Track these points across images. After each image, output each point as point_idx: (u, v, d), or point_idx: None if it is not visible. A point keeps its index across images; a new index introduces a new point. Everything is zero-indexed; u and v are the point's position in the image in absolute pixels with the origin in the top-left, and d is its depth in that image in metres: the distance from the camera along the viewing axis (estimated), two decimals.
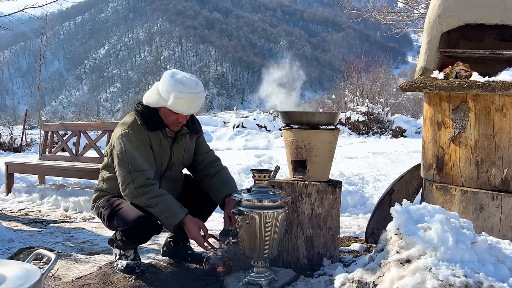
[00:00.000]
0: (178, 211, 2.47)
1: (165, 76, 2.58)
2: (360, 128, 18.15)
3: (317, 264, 2.68)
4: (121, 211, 2.57)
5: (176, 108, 2.54)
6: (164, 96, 2.54)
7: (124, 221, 2.52)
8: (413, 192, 3.34)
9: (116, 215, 2.58)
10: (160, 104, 2.58)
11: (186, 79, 2.55)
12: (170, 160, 2.72)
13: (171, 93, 2.51)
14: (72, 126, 6.30)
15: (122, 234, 2.56)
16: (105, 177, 2.76)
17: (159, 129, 2.64)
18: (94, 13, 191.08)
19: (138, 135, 2.58)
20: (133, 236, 2.53)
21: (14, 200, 5.29)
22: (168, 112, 2.59)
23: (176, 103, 2.52)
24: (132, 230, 2.49)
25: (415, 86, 2.75)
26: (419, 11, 7.76)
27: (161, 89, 2.56)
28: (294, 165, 2.79)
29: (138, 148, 2.56)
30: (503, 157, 2.54)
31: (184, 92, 2.50)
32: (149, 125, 2.60)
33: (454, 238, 1.90)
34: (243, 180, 5.84)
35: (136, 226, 2.47)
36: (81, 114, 30.97)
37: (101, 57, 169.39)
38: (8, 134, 15.17)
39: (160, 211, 2.45)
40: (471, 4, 2.73)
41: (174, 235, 2.92)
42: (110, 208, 2.64)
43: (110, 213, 2.62)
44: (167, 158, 2.71)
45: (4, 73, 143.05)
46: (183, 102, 2.52)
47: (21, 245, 3.35)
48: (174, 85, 2.51)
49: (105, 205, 2.69)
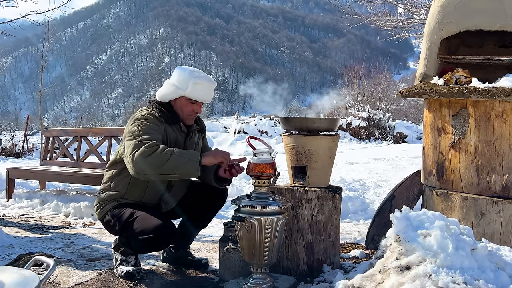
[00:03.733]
0: (193, 152, 2.46)
1: (177, 71, 2.70)
2: (361, 133, 18.15)
3: (317, 270, 2.68)
4: (138, 219, 2.51)
5: (195, 95, 2.63)
6: (182, 86, 2.63)
7: (143, 229, 2.45)
8: (413, 198, 3.34)
9: (133, 222, 2.51)
10: (178, 94, 2.65)
11: (198, 70, 2.71)
12: None
13: (189, 81, 2.61)
14: (73, 131, 6.30)
15: (141, 241, 2.48)
16: (114, 174, 2.72)
17: (176, 123, 2.69)
18: (96, 19, 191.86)
19: (155, 121, 2.60)
20: (152, 243, 2.48)
21: (14, 206, 5.29)
22: (185, 102, 2.67)
23: (195, 89, 2.62)
24: (153, 238, 2.44)
25: (415, 92, 2.75)
26: (419, 17, 7.77)
27: (177, 80, 2.65)
28: (294, 171, 2.79)
29: (152, 127, 2.55)
30: (504, 163, 2.53)
31: (202, 78, 2.64)
32: (166, 118, 2.64)
33: (454, 244, 1.90)
34: (243, 186, 5.83)
35: (157, 233, 2.43)
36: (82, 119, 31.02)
37: (103, 63, 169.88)
38: (9, 140, 15.20)
39: (178, 156, 2.37)
40: (470, 10, 2.73)
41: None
42: (124, 216, 2.58)
43: (125, 221, 2.56)
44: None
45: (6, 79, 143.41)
46: (202, 88, 2.63)
47: (21, 251, 3.34)
48: (190, 74, 2.64)
49: (116, 213, 2.62)
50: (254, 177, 2.32)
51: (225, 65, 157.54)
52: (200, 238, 3.77)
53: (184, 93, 2.63)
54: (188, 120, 2.73)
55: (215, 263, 2.94)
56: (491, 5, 2.68)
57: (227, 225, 2.66)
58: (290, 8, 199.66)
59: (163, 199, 2.75)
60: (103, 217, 2.72)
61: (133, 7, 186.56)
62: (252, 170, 2.30)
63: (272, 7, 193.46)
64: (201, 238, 3.78)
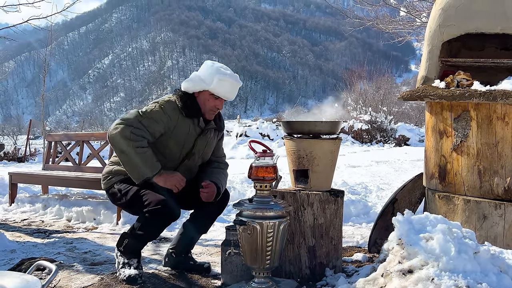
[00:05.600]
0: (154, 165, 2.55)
1: (206, 64, 2.78)
2: (363, 136, 18.12)
3: (319, 274, 2.67)
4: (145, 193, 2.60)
5: (218, 91, 2.70)
6: (207, 80, 2.69)
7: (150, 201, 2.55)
8: (416, 201, 3.33)
9: (140, 196, 2.61)
10: (202, 87, 2.71)
11: (226, 67, 2.76)
12: (192, 150, 2.77)
13: (214, 76, 2.68)
14: (75, 136, 6.32)
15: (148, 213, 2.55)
16: None
17: (195, 117, 2.73)
18: (98, 23, 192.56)
19: (171, 111, 2.66)
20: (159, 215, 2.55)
21: (17, 210, 5.30)
22: (208, 97, 2.73)
23: (219, 85, 2.68)
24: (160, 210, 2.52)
25: (417, 95, 2.75)
26: (421, 20, 7.77)
27: (203, 74, 2.72)
28: (296, 174, 2.79)
29: (160, 119, 2.62)
30: (506, 166, 2.53)
31: (227, 75, 2.69)
32: (187, 111, 2.69)
33: (456, 248, 1.89)
34: (245, 190, 5.83)
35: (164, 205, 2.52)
36: (84, 123, 31.08)
37: (105, 67, 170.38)
38: (12, 144, 15.23)
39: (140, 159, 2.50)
40: (471, 13, 2.74)
41: (176, 246, 2.92)
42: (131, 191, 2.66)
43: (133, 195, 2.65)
44: (190, 147, 2.76)
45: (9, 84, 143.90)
46: (225, 85, 2.69)
47: (23, 255, 3.35)
48: (217, 69, 2.70)
49: (124, 188, 2.70)
50: (256, 181, 2.32)
51: None
52: (202, 242, 3.77)
53: (208, 87, 2.69)
54: (209, 114, 2.78)
55: (217, 267, 2.93)
56: (492, 8, 2.69)
57: (229, 229, 2.66)
58: (292, 11, 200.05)
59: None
60: (109, 188, 2.79)
61: (135, 12, 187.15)
62: (254, 174, 2.30)
63: (274, 11, 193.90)
64: (203, 242, 3.77)
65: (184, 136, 2.71)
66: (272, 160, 2.34)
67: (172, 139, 2.69)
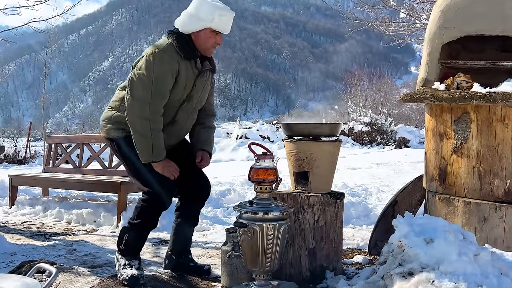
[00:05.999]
0: (159, 153, 2.60)
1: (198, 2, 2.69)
2: (363, 138, 18.11)
3: (320, 276, 2.67)
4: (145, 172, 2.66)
5: (220, 26, 2.69)
6: (207, 17, 2.64)
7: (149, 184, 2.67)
8: (416, 204, 3.33)
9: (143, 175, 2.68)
10: (203, 25, 2.66)
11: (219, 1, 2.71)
12: (191, 92, 2.75)
13: (215, 12, 2.64)
14: (75, 138, 6.32)
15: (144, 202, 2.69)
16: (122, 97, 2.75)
17: (192, 58, 2.70)
18: (98, 25, 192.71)
19: (171, 60, 2.61)
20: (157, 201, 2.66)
21: (17, 213, 5.29)
22: (210, 34, 2.69)
23: (221, 21, 2.66)
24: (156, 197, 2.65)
25: (417, 98, 2.76)
26: (421, 22, 7.78)
27: (201, 12, 2.66)
28: (296, 176, 2.79)
29: (166, 74, 2.60)
30: (506, 168, 2.53)
31: (226, 10, 2.68)
32: (185, 53, 2.65)
33: (456, 250, 1.89)
34: (246, 192, 5.83)
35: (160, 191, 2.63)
36: (85, 126, 31.07)
37: (105, 69, 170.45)
38: (12, 147, 15.23)
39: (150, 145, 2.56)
40: (471, 15, 2.74)
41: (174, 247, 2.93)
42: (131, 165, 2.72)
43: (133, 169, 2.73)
44: (189, 89, 2.73)
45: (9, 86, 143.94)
46: (226, 20, 2.69)
47: (23, 258, 3.34)
48: (214, 6, 2.66)
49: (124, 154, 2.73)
50: (256, 183, 2.32)
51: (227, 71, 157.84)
52: (202, 245, 3.77)
53: (209, 24, 2.66)
54: (209, 51, 2.76)
55: (217, 270, 2.93)
56: (492, 10, 2.69)
57: (229, 231, 2.66)
58: (292, 13, 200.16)
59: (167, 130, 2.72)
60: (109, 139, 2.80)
61: (135, 14, 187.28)
62: (254, 176, 2.30)
63: (274, 13, 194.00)
64: (203, 245, 3.77)
65: (185, 79, 2.68)
66: (272, 162, 2.34)
67: (175, 84, 2.67)
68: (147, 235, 2.81)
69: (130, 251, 2.74)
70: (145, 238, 2.81)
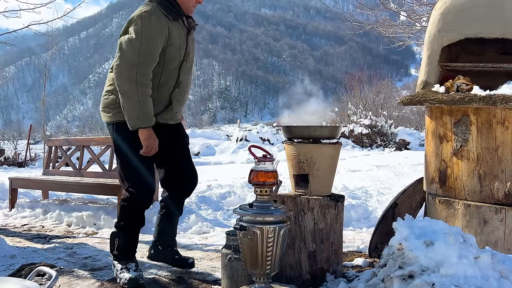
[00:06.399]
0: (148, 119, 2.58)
1: None
2: (363, 141, 18.12)
3: (320, 279, 2.66)
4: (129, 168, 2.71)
5: None
6: None
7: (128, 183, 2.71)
8: (416, 206, 3.32)
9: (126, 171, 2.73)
10: None
11: None
12: (186, 50, 2.78)
13: None
14: (75, 141, 6.32)
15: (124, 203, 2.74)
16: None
17: (180, 18, 2.71)
18: (98, 28, 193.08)
19: (159, 22, 2.60)
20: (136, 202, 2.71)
21: (17, 216, 5.29)
22: None
23: None
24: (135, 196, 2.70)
25: (416, 100, 2.76)
26: (421, 24, 7.78)
27: None
28: (296, 179, 2.79)
29: (155, 35, 2.58)
30: (506, 170, 2.52)
31: None
32: (173, 14, 2.66)
33: (457, 253, 1.89)
34: (246, 194, 5.82)
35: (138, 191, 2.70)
36: (85, 128, 31.07)
37: (105, 72, 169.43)
38: (12, 149, 15.23)
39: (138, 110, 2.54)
40: (471, 18, 2.74)
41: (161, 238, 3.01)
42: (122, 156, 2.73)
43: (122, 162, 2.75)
44: (184, 48, 2.76)
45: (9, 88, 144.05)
46: None
47: (23, 261, 3.34)
48: None
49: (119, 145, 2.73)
50: (256, 186, 2.32)
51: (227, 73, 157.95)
52: (202, 247, 3.77)
53: None
54: (191, 10, 2.78)
55: (217, 273, 2.93)
56: (492, 12, 2.69)
57: (229, 234, 2.65)
58: (292, 16, 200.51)
59: (173, 95, 2.78)
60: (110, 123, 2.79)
61: None
62: (254, 179, 2.30)
63: (274, 15, 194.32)
64: (203, 247, 3.77)
65: (178, 38, 2.70)
66: (272, 165, 2.34)
67: (170, 46, 2.67)
68: (137, 235, 2.84)
69: (124, 255, 2.76)
70: (136, 238, 2.83)
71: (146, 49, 2.55)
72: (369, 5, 8.14)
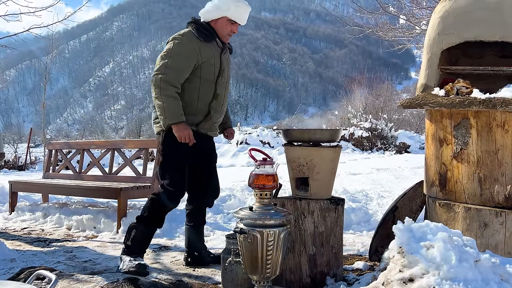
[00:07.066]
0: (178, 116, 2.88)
1: None
2: (363, 144, 18.10)
3: (320, 283, 2.66)
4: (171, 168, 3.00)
5: (235, 16, 3.04)
6: (224, 7, 3.02)
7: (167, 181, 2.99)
8: (416, 209, 3.32)
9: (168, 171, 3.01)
10: (220, 14, 3.04)
11: None
12: (221, 67, 3.13)
13: (231, 3, 3.01)
14: (75, 144, 6.32)
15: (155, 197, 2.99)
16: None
17: (213, 39, 3.06)
18: (99, 31, 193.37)
19: (190, 43, 2.97)
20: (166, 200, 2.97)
21: (17, 219, 5.29)
22: (226, 22, 3.06)
23: (236, 11, 3.03)
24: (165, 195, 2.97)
25: (416, 103, 2.76)
26: (420, 28, 7.79)
27: (220, 2, 3.04)
28: (296, 182, 2.79)
29: (184, 52, 2.95)
30: (506, 173, 2.52)
31: (241, 2, 3.05)
32: (205, 36, 3.02)
33: (457, 256, 1.88)
34: (246, 198, 5.82)
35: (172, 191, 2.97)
36: (85, 131, 31.09)
37: (105, 75, 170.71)
38: (12, 152, 15.23)
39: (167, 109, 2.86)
40: (470, 21, 2.75)
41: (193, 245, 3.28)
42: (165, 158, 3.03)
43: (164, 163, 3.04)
44: (219, 65, 3.11)
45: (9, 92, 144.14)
46: (241, 11, 3.05)
47: (23, 264, 3.34)
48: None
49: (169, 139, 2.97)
50: (256, 189, 2.31)
51: None
52: None
53: (226, 14, 3.02)
54: (226, 38, 3.13)
55: (217, 276, 2.92)
56: (491, 16, 2.70)
57: (229, 237, 2.66)
58: (292, 19, 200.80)
59: (212, 106, 3.10)
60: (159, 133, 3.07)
61: (135, 20, 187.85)
62: (254, 182, 2.30)
63: (274, 19, 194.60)
64: None
65: (211, 57, 3.04)
66: (272, 168, 2.34)
67: (204, 63, 3.01)
68: (153, 234, 3.03)
69: (136, 248, 2.92)
70: (150, 236, 3.02)
71: (172, 63, 2.91)
72: (368, 8, 8.15)
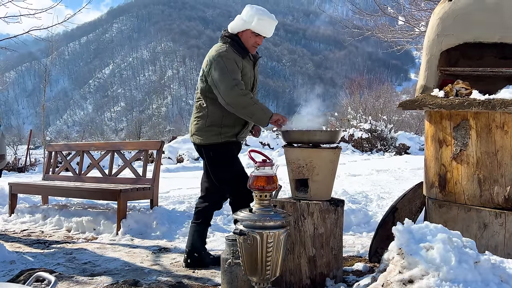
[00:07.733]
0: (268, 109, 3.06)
1: (246, 7, 3.20)
2: (363, 145, 18.10)
3: (320, 284, 2.66)
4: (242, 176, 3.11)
5: (259, 29, 3.13)
6: (248, 20, 3.12)
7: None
8: (416, 210, 3.32)
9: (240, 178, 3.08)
10: (245, 27, 3.14)
11: (263, 9, 3.20)
12: (254, 80, 3.30)
13: (255, 16, 3.11)
14: (75, 146, 6.32)
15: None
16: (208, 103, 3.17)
17: (246, 54, 3.19)
18: (99, 33, 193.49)
19: (234, 58, 3.11)
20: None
21: (17, 221, 5.28)
22: (250, 34, 3.16)
23: (259, 24, 3.11)
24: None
25: (416, 105, 2.76)
26: (419, 29, 7.80)
27: (245, 15, 3.15)
28: (296, 184, 2.79)
29: (235, 66, 3.09)
30: (506, 174, 2.52)
31: (265, 15, 3.13)
32: (240, 52, 3.15)
33: (456, 257, 1.88)
34: None
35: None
36: (85, 133, 31.08)
37: (105, 77, 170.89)
38: (12, 154, 15.22)
39: (260, 108, 3.01)
40: (469, 23, 2.75)
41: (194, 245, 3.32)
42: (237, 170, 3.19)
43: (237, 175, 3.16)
44: (252, 77, 3.28)
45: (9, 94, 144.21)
46: (264, 24, 3.13)
47: (23, 266, 3.33)
48: (256, 10, 3.15)
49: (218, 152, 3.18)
50: (256, 191, 2.31)
51: None
52: None
53: (250, 26, 3.12)
54: (252, 49, 3.24)
55: (217, 278, 2.92)
56: (490, 17, 2.70)
57: (229, 239, 2.65)
58: (291, 21, 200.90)
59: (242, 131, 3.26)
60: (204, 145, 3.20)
61: (135, 22, 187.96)
62: (254, 183, 2.30)
63: None
64: None
65: (248, 70, 3.20)
66: (272, 169, 2.34)
67: (243, 76, 3.15)
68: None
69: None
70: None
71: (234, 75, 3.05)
72: (367, 10, 8.16)
